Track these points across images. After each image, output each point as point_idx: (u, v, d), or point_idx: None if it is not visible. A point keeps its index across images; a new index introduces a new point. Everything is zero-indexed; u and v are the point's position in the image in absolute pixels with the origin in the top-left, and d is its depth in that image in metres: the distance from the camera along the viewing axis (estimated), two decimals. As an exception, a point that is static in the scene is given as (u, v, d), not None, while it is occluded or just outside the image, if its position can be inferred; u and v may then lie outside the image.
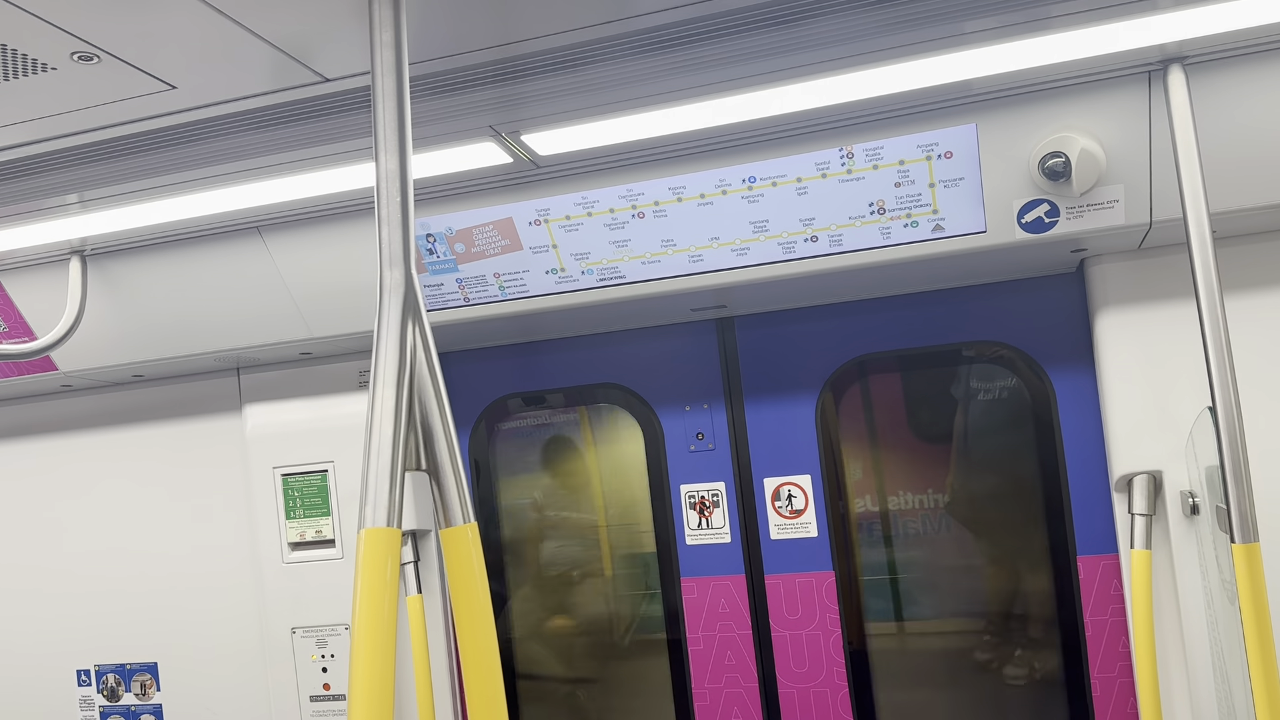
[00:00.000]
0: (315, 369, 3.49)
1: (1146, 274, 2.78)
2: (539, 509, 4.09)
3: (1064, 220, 2.50)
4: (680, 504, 3.41)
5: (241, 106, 2.09)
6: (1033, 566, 3.29)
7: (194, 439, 3.71)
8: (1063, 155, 2.35)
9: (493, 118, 2.24)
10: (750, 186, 2.59)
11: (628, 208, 2.68)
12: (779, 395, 3.32)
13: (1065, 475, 3.06)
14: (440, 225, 2.81)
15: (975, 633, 3.40)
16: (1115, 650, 3.03)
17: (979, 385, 3.35)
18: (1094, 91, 2.33)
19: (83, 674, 3.89)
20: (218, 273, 3.01)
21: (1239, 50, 2.20)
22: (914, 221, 2.58)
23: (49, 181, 2.43)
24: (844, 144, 2.49)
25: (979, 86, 2.30)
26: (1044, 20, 1.96)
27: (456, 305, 2.98)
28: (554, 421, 3.93)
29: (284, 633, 3.49)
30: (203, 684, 3.74)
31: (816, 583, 3.27)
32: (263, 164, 2.41)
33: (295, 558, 3.48)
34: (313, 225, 2.86)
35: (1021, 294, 3.10)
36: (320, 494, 3.44)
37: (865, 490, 3.44)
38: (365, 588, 1.29)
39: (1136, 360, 2.79)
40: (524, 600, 3.99)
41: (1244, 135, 2.32)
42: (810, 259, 2.69)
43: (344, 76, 1.99)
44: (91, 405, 3.82)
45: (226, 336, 3.21)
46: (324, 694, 3.46)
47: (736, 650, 3.36)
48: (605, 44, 1.95)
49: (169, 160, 2.34)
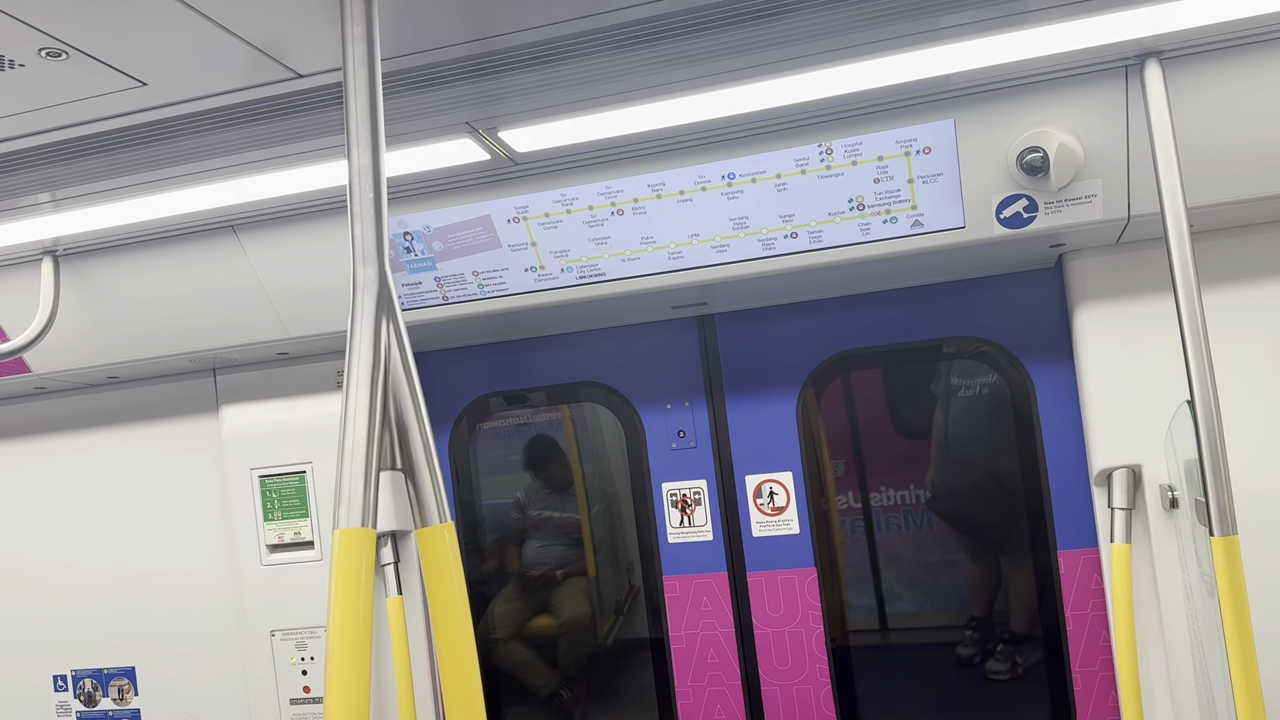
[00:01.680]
0: (292, 369, 3.46)
1: (1125, 269, 2.79)
2: (521, 508, 4.08)
3: (1042, 215, 2.50)
4: (662, 502, 3.40)
5: (214, 103, 2.06)
6: (1014, 561, 3.30)
7: (170, 441, 3.68)
8: (1041, 150, 2.36)
9: (469, 114, 2.22)
10: (730, 183, 2.58)
11: (607, 205, 2.67)
12: (760, 392, 3.31)
13: (1045, 470, 3.08)
14: (418, 223, 2.79)
15: (957, 628, 3.41)
16: (1096, 644, 3.04)
17: (959, 381, 3.37)
18: (1072, 86, 2.33)
19: (59, 679, 3.84)
20: (193, 272, 2.98)
21: (1215, 44, 2.21)
22: (893, 217, 2.58)
23: (19, 180, 2.40)
24: (823, 140, 2.48)
25: (957, 82, 2.30)
26: (1021, 15, 1.97)
27: (435, 304, 2.96)
28: (535, 421, 3.92)
29: (263, 635, 3.46)
30: (181, 688, 3.70)
31: (799, 580, 3.27)
32: (236, 162, 2.39)
33: (274, 560, 3.45)
34: (288, 224, 2.83)
35: (1001, 289, 3.11)
36: (299, 495, 3.42)
37: (847, 487, 3.45)
38: (340, 589, 1.28)
39: (1115, 355, 2.80)
40: (507, 600, 3.98)
41: (1221, 129, 2.33)
42: (790, 255, 2.68)
43: (317, 73, 1.97)
44: (66, 407, 3.78)
45: (202, 337, 3.18)
46: (304, 696, 3.43)
47: (719, 648, 3.35)
48: (582, 39, 1.93)
49: (141, 158, 2.31)
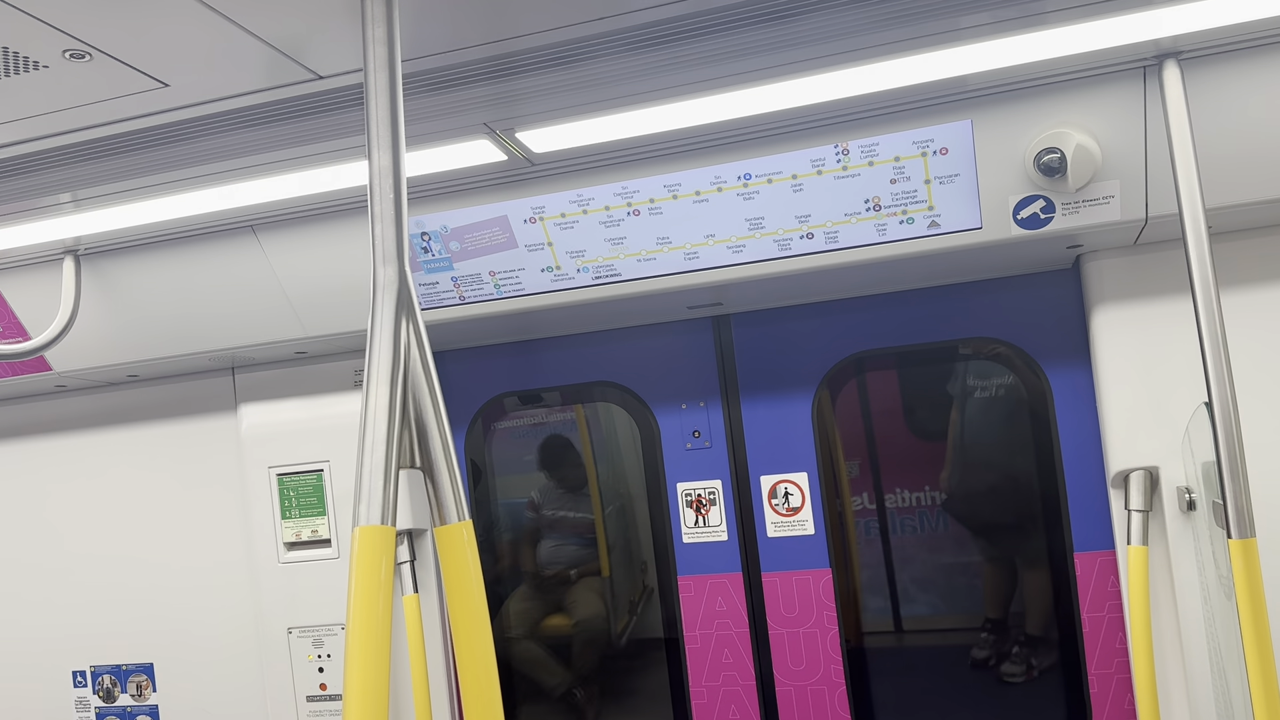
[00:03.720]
0: (310, 368, 3.48)
1: (1142, 270, 2.78)
2: (535, 508, 4.09)
3: (1060, 216, 2.49)
4: (677, 502, 3.40)
5: (235, 104, 2.08)
6: (1030, 563, 3.29)
7: (189, 439, 3.70)
8: (1058, 151, 2.35)
9: (487, 115, 2.24)
10: (746, 183, 2.59)
11: (623, 205, 2.68)
12: (775, 393, 3.31)
13: (1062, 472, 3.06)
14: (435, 224, 2.81)
15: (973, 630, 3.40)
16: (1112, 646, 3.03)
17: (975, 382, 3.35)
18: (1089, 87, 2.33)
19: (78, 675, 3.88)
20: (212, 272, 3.00)
21: (1234, 45, 2.20)
22: (910, 218, 2.57)
23: (42, 180, 2.43)
24: (839, 140, 2.48)
25: (975, 82, 2.29)
26: (1039, 15, 1.96)
27: (452, 304, 2.97)
28: (550, 420, 3.93)
29: (280, 633, 3.48)
30: (199, 685, 3.73)
31: (814, 580, 3.27)
32: (256, 162, 2.41)
33: (291, 558, 3.47)
34: (307, 224, 2.85)
35: (1017, 290, 3.10)
36: (316, 493, 3.44)
37: (862, 487, 3.44)
38: (360, 586, 1.28)
39: (1133, 356, 2.79)
40: (521, 599, 3.99)
41: (1239, 130, 2.32)
42: (806, 256, 2.68)
43: (337, 74, 1.98)
44: (86, 405, 3.81)
45: (221, 336, 3.20)
46: (320, 694, 3.45)
47: (734, 648, 3.35)
48: (600, 40, 1.94)
49: (162, 159, 2.33)
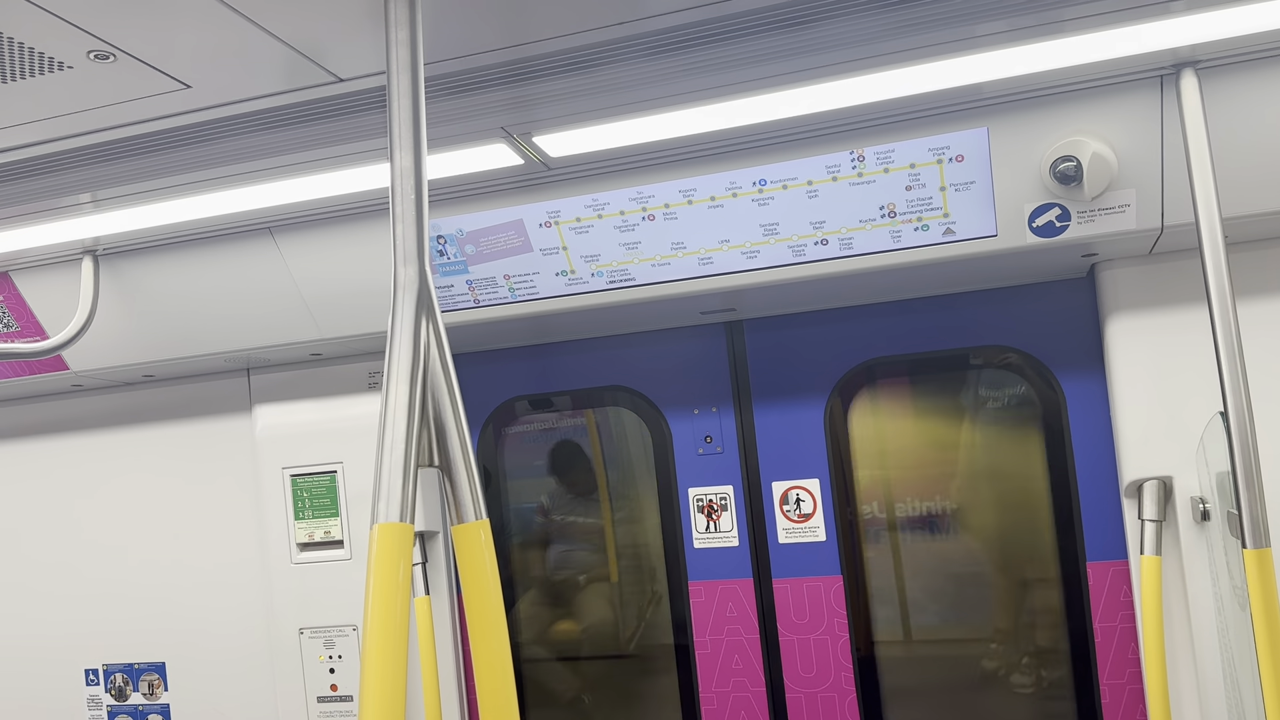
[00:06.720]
0: (325, 370, 3.50)
1: (1158, 279, 2.78)
2: (545, 513, 4.09)
3: (1075, 224, 2.49)
4: (688, 507, 3.40)
5: (255, 106, 2.10)
6: (1042, 572, 3.27)
7: (204, 439, 3.73)
8: (1074, 159, 2.35)
9: (504, 119, 2.25)
10: (760, 189, 2.59)
11: (638, 210, 2.69)
12: (788, 399, 3.31)
13: (1075, 481, 3.06)
14: (451, 227, 2.82)
15: (984, 639, 3.39)
16: (1125, 657, 3.01)
17: (988, 390, 3.35)
18: (1106, 95, 2.33)
19: (91, 673, 3.90)
20: (229, 273, 3.02)
21: (1252, 54, 2.19)
22: (925, 225, 2.58)
23: (62, 181, 2.45)
24: (855, 147, 2.49)
25: (990, 90, 2.30)
26: (1056, 24, 1.96)
27: (466, 307, 2.98)
28: (561, 425, 3.93)
29: (292, 633, 3.49)
30: (210, 684, 3.75)
31: (825, 587, 3.26)
32: (275, 164, 2.42)
33: (304, 558, 3.48)
34: (324, 226, 2.87)
35: (1032, 299, 3.09)
36: (329, 495, 3.45)
37: (874, 495, 3.44)
38: (378, 583, 1.29)
39: (1147, 365, 2.78)
40: (529, 604, 3.99)
41: (1256, 140, 2.32)
42: (820, 262, 2.69)
43: (358, 76, 2.00)
44: (102, 405, 3.84)
45: (237, 337, 3.22)
46: (331, 695, 3.46)
47: (744, 654, 3.35)
48: (617, 45, 1.95)
49: (182, 160, 2.35)
